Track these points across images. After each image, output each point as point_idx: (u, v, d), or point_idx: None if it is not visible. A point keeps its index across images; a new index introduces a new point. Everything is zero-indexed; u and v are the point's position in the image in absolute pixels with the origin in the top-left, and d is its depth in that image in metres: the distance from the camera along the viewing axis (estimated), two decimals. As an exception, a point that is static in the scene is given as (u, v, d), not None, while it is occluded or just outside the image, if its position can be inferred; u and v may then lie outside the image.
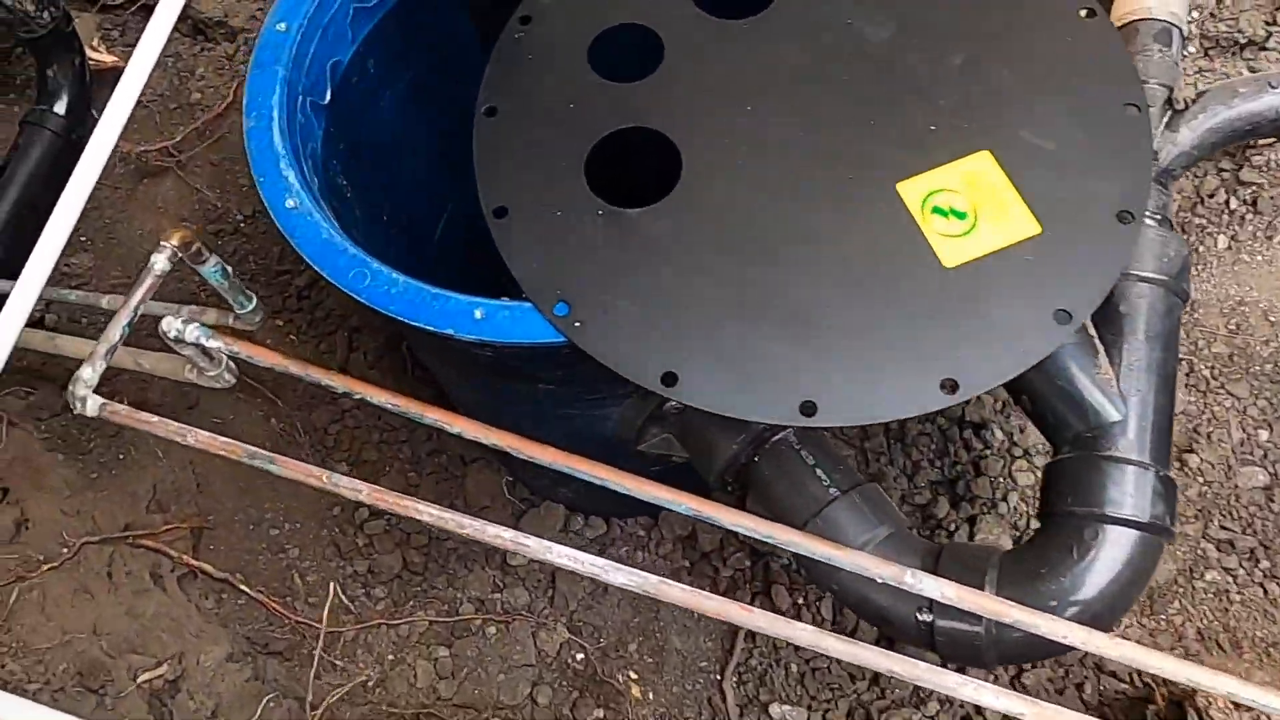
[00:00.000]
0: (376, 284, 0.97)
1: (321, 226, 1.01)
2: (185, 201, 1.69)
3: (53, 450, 1.44)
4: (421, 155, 1.49)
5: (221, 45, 1.76)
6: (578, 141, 1.01)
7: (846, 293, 0.91)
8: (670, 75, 1.04)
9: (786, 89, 1.02)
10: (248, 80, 1.10)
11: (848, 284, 0.91)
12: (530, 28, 1.09)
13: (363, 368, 1.62)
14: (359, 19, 1.24)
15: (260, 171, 1.04)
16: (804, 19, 1.05)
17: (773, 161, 0.98)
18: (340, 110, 1.23)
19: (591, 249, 0.95)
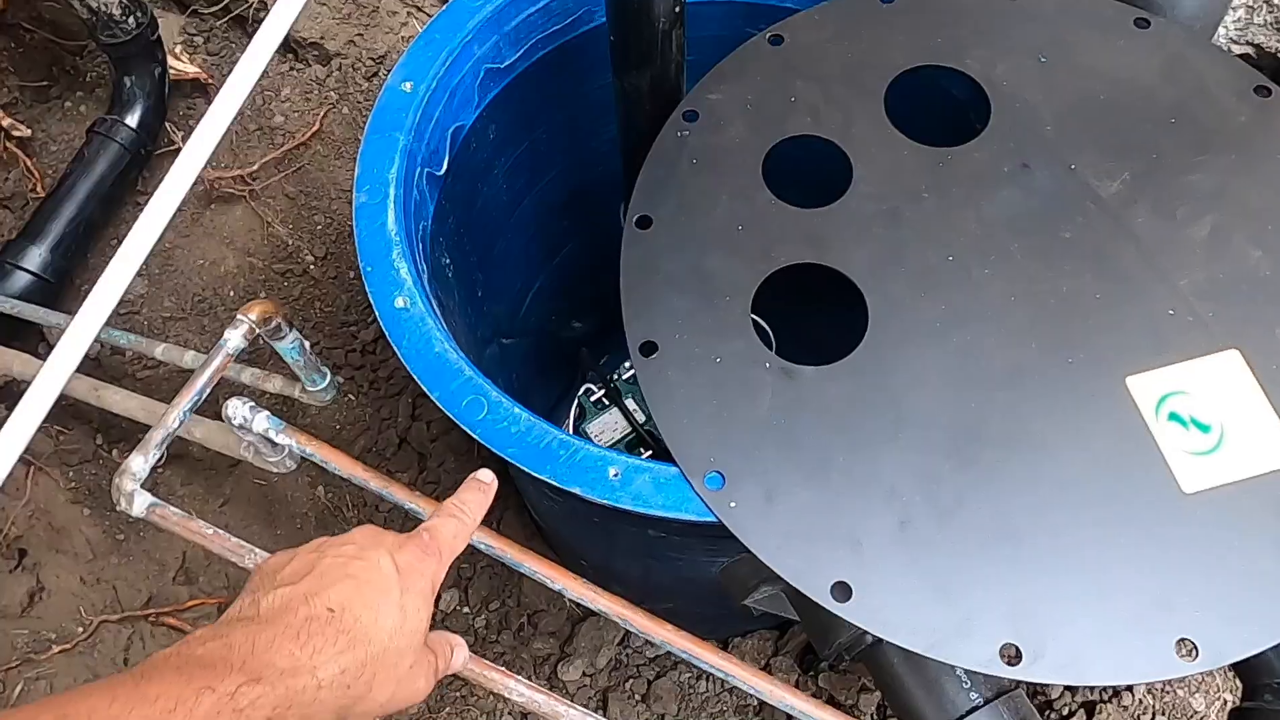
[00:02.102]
0: (495, 419, 0.82)
1: (435, 337, 0.86)
2: (254, 235, 1.55)
3: (78, 503, 1.29)
4: (521, 227, 1.35)
5: (313, 68, 1.62)
6: (745, 273, 0.86)
7: (1062, 512, 0.75)
8: (859, 204, 0.89)
9: (996, 239, 0.86)
10: (363, 147, 0.96)
11: (1063, 500, 0.75)
12: (695, 126, 0.94)
13: (424, 440, 1.47)
14: (488, 81, 1.10)
15: (369, 260, 0.90)
16: (1020, 156, 0.90)
17: (976, 328, 0.82)
18: (454, 182, 1.09)
19: (755, 411, 0.80)
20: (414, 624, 0.61)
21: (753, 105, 0.95)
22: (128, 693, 0.47)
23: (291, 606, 0.57)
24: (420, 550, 0.66)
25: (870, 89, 0.95)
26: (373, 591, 0.60)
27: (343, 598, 0.58)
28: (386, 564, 0.62)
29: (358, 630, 0.57)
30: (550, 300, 1.56)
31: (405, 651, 0.60)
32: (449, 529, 0.70)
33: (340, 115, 1.58)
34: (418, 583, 0.63)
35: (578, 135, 1.30)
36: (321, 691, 0.54)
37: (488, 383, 0.84)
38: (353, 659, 0.56)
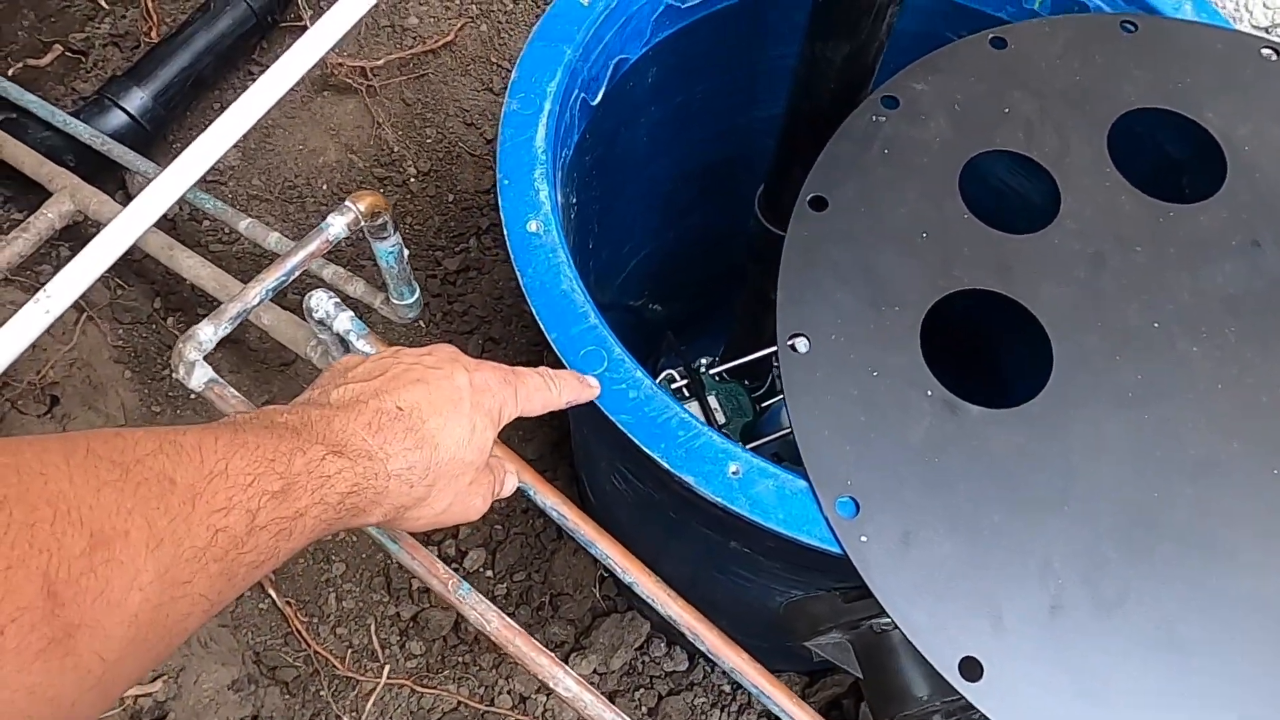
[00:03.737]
0: (613, 377, 0.72)
1: (564, 273, 0.77)
2: (361, 132, 1.47)
3: (121, 363, 1.22)
4: (648, 186, 1.26)
5: (459, -23, 1.54)
6: (921, 286, 0.76)
7: (1238, 634, 0.64)
8: (1062, 240, 0.78)
9: (1210, 315, 0.76)
10: (525, 52, 0.86)
11: (1243, 622, 0.65)
12: (894, 114, 0.84)
13: (485, 386, 1.38)
14: (665, 17, 1.00)
15: (509, 173, 0.81)
16: (1251, 231, 0.79)
17: (1173, 407, 0.72)
18: (603, 117, 0.99)
19: (907, 439, 0.70)
20: (479, 441, 0.60)
21: (961, 106, 0.85)
22: (228, 438, 0.46)
23: (362, 399, 0.56)
24: (498, 376, 0.64)
25: (1096, 119, 0.84)
26: (443, 400, 0.58)
27: (413, 399, 0.57)
28: (461, 378, 0.61)
29: (425, 432, 0.56)
30: (650, 274, 1.46)
31: (468, 466, 0.60)
32: (534, 381, 0.67)
33: (477, 31, 1.49)
34: (487, 402, 0.62)
35: (735, 104, 1.21)
36: (390, 481, 0.54)
37: (611, 335, 0.75)
38: (419, 458, 0.56)
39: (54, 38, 1.44)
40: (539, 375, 0.67)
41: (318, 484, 0.49)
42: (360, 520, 0.54)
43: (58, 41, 1.44)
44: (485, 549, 1.32)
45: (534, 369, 0.68)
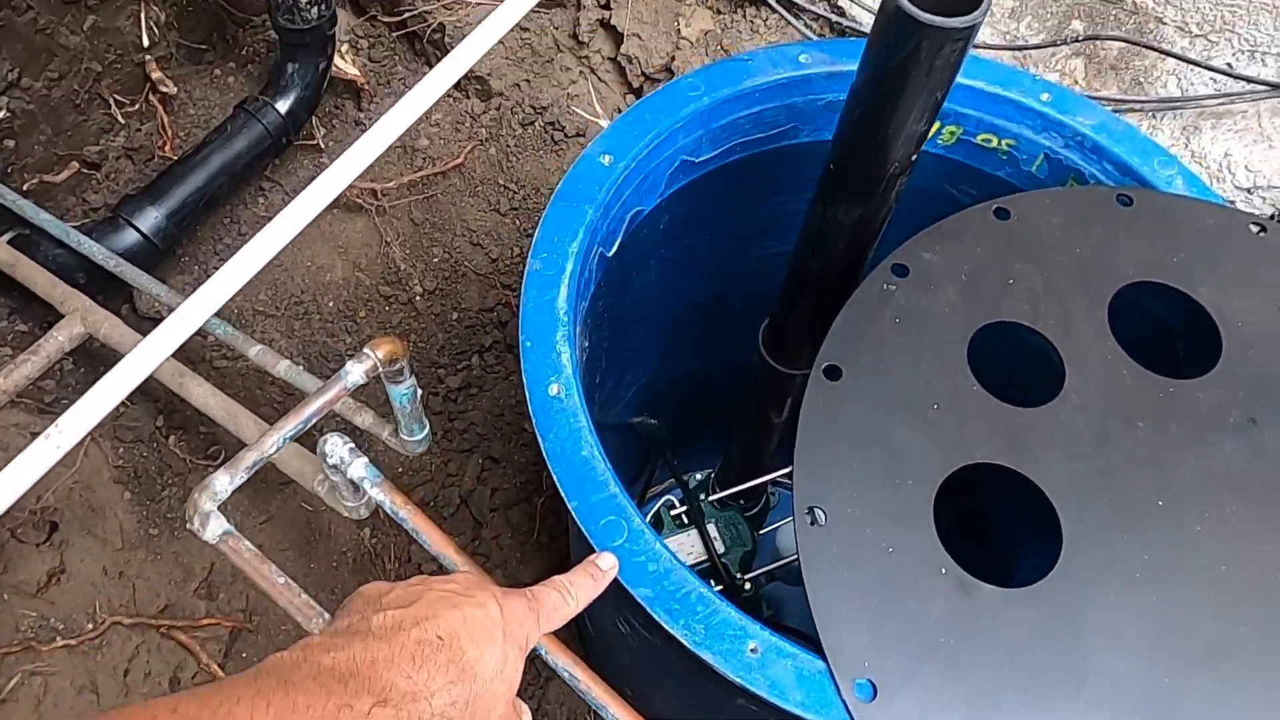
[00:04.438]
0: (632, 549, 0.73)
1: (585, 438, 0.78)
2: (369, 250, 1.49)
3: (121, 484, 1.21)
4: (656, 320, 1.28)
5: (471, 100, 1.58)
6: (934, 459, 0.77)
7: (1256, 832, 0.65)
8: (1068, 415, 0.81)
9: (1213, 493, 0.78)
10: (548, 212, 0.89)
11: (1259, 819, 0.65)
12: (904, 283, 0.87)
13: (484, 508, 1.38)
14: (680, 171, 1.04)
15: (532, 335, 0.82)
16: (1248, 408, 0.82)
17: (1182, 589, 0.73)
18: (617, 265, 1.02)
19: (924, 620, 0.71)
20: (511, 672, 0.61)
21: (968, 275, 0.88)
22: (280, 699, 0.48)
23: (404, 627, 0.57)
24: (524, 604, 0.65)
25: (1095, 292, 0.88)
26: (479, 629, 0.59)
27: (452, 628, 0.58)
28: (493, 606, 0.62)
29: (465, 663, 0.57)
30: (650, 394, 1.48)
31: (500, 698, 0.60)
32: (552, 600, 0.69)
33: (486, 154, 1.53)
34: (517, 632, 0.63)
35: (739, 244, 1.24)
36: None
37: (631, 505, 0.76)
38: (461, 692, 0.56)
39: (69, 151, 1.46)
40: (557, 592, 0.69)
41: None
42: None
43: (73, 156, 1.46)
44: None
45: (550, 584, 0.69)
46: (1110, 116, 1.02)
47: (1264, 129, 1.16)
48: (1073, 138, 1.02)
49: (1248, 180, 1.18)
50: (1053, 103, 1.02)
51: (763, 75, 1.02)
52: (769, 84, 1.03)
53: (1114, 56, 1.23)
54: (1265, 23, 1.14)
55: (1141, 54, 1.21)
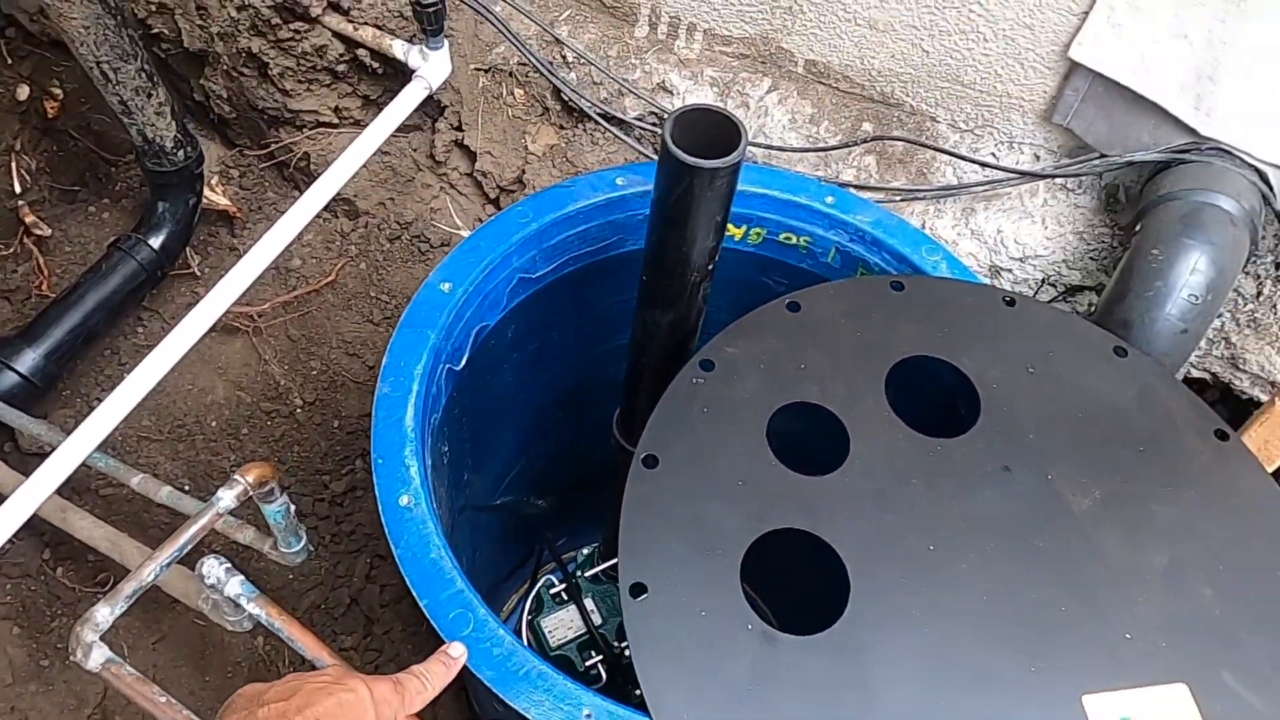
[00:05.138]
0: (479, 637, 0.83)
1: (433, 542, 0.88)
2: (248, 369, 1.57)
3: (8, 620, 1.25)
4: (518, 416, 1.39)
5: (339, 220, 1.69)
6: (740, 530, 0.89)
7: (1016, 824, 0.77)
8: (853, 480, 0.94)
9: (976, 537, 0.92)
10: (395, 339, 1.00)
11: (1019, 812, 0.78)
12: (710, 376, 1.00)
13: (375, 605, 1.45)
14: (518, 287, 1.16)
15: (382, 452, 0.92)
16: (1003, 459, 0.97)
17: (952, 624, 0.86)
18: (468, 376, 1.13)
19: (735, 674, 0.82)
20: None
21: (765, 365, 1.02)
22: None
23: (287, 716, 0.65)
24: (390, 687, 0.74)
25: (874, 370, 1.02)
26: (353, 711, 0.68)
27: (329, 712, 0.66)
28: (363, 690, 0.70)
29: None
30: (525, 481, 1.58)
31: None
32: (414, 685, 0.78)
33: (357, 269, 1.63)
34: (386, 711, 0.72)
35: (586, 339, 1.36)
36: None
37: (477, 598, 0.85)
38: None
39: (-56, 295, 1.51)
40: (416, 679, 0.78)
41: None
42: None
43: (-52, 301, 1.51)
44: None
45: (410, 671, 0.79)
46: (884, 213, 1.18)
47: (1026, 207, 1.35)
48: (856, 233, 1.18)
49: (1019, 252, 1.36)
50: (836, 204, 1.18)
51: (585, 199, 1.16)
52: (591, 206, 1.17)
53: (900, 152, 1.41)
54: (1016, 119, 1.33)
55: (922, 148, 1.40)
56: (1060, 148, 1.32)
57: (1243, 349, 1.27)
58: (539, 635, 1.45)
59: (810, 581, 1.00)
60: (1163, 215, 1.12)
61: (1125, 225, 1.29)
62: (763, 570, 1.01)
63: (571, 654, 1.42)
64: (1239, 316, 1.27)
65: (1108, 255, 1.33)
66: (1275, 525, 0.96)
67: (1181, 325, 1.07)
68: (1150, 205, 1.15)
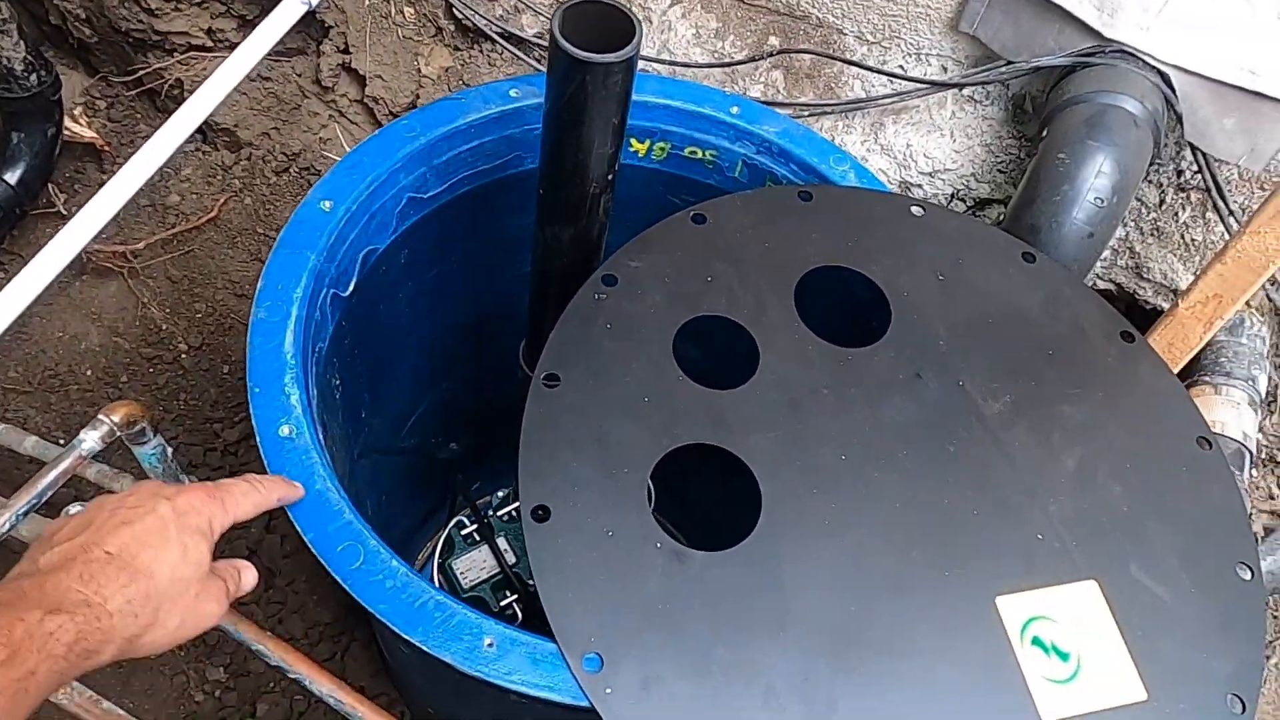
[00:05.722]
0: (369, 570, 0.78)
1: (318, 473, 0.82)
2: (125, 314, 1.46)
3: None
4: (417, 349, 1.32)
5: (220, 152, 1.57)
6: (646, 447, 0.85)
7: (933, 724, 0.76)
8: (763, 391, 0.91)
9: (888, 444, 0.90)
10: (270, 262, 0.92)
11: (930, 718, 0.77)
12: (613, 291, 0.96)
13: (276, 556, 1.38)
14: (409, 208, 1.09)
15: (259, 381, 0.85)
16: (914, 366, 0.95)
17: (865, 531, 0.84)
18: (358, 304, 1.06)
19: (642, 592, 0.78)
20: (194, 557, 0.67)
21: (671, 279, 0.97)
22: None
23: (70, 556, 0.62)
24: (202, 494, 0.71)
25: (783, 280, 0.99)
26: (149, 533, 0.65)
27: (120, 541, 0.63)
28: (163, 508, 0.67)
29: (138, 566, 0.63)
30: (433, 421, 1.52)
31: (189, 583, 0.66)
32: (240, 489, 0.74)
33: (241, 205, 1.53)
34: (194, 520, 0.69)
35: (487, 267, 1.30)
36: (114, 619, 0.60)
37: (367, 529, 0.80)
38: (137, 591, 0.62)
39: None
40: (245, 482, 0.75)
41: (41, 643, 0.56)
42: (97, 660, 0.60)
43: None
44: (288, 723, 1.30)
45: (241, 477, 0.75)
46: (791, 123, 1.14)
47: (935, 120, 1.32)
48: (762, 144, 1.14)
49: (928, 166, 1.34)
50: (741, 115, 1.14)
51: (476, 112, 1.09)
52: (484, 119, 1.10)
53: (808, 66, 1.37)
54: (924, 29, 1.30)
55: (830, 62, 1.36)
56: (968, 58, 1.30)
57: (1146, 257, 1.28)
58: (451, 577, 1.40)
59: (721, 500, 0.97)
60: (1068, 119, 1.11)
61: (1032, 135, 1.28)
62: (672, 490, 0.98)
63: (485, 594, 1.37)
64: (1142, 225, 1.28)
65: (1015, 168, 1.32)
66: (1179, 421, 0.96)
67: (1088, 229, 1.06)
68: (1056, 110, 1.13)
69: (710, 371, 0.93)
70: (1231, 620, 0.85)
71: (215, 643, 1.31)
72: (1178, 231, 1.25)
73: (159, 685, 1.25)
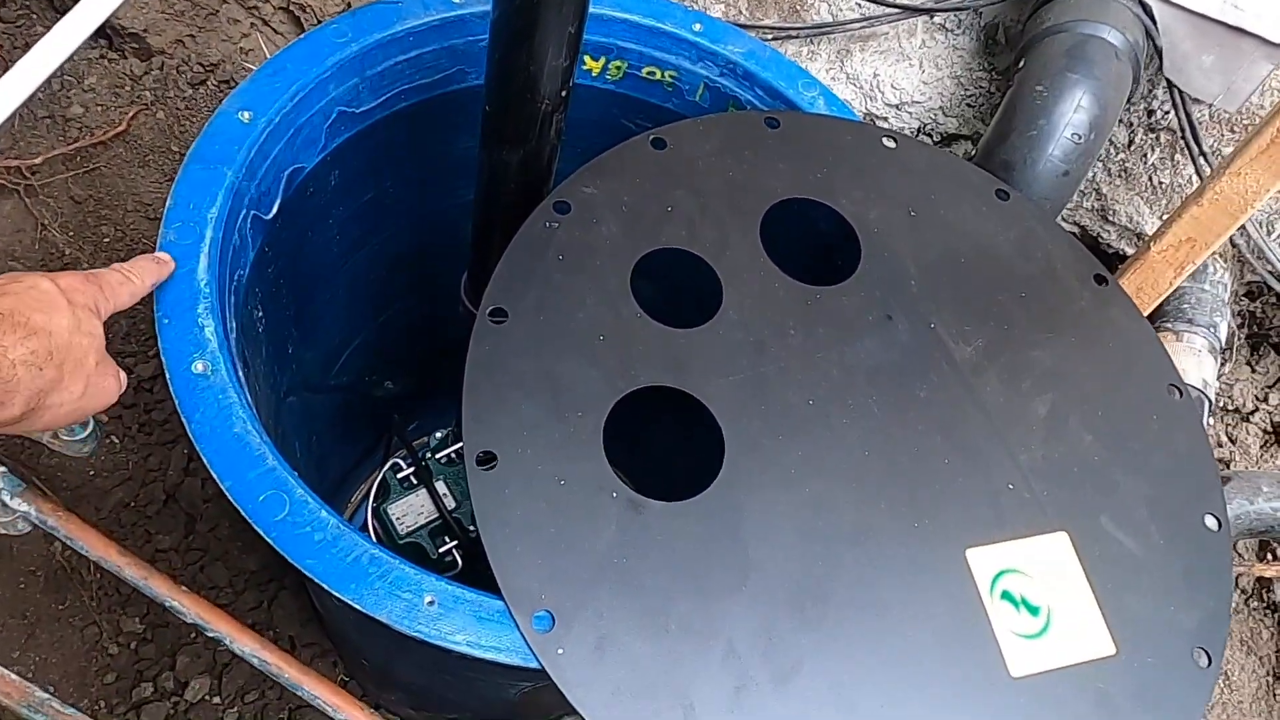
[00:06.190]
0: (295, 521, 0.70)
1: (236, 414, 0.74)
2: (22, 235, 1.33)
3: None
4: (350, 280, 1.23)
5: (129, 61, 1.43)
6: (602, 389, 0.79)
7: (898, 686, 0.72)
8: (726, 331, 0.85)
9: (856, 388, 0.85)
10: (180, 177, 0.82)
11: (900, 675, 0.73)
12: (566, 220, 0.88)
13: (196, 500, 1.29)
14: (340, 124, 0.99)
15: (168, 312, 0.76)
16: (885, 307, 0.90)
17: (830, 479, 0.80)
18: (283, 228, 0.97)
19: (596, 544, 0.73)
20: (89, 327, 0.66)
21: (628, 207, 0.90)
22: None
23: None
24: (80, 277, 0.68)
25: (748, 212, 0.92)
26: (38, 300, 0.63)
27: (9, 305, 0.61)
28: (45, 284, 0.64)
29: (34, 324, 0.61)
30: (368, 358, 1.43)
31: (89, 349, 0.65)
32: (114, 278, 0.72)
33: (153, 119, 1.39)
34: (81, 298, 0.66)
35: (428, 193, 1.21)
36: (17, 370, 0.59)
37: (293, 476, 0.72)
38: (38, 344, 0.61)
39: None
40: (117, 271, 0.72)
41: None
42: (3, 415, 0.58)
43: None
44: (209, 675, 1.23)
45: (112, 267, 0.73)
46: (757, 43, 1.07)
47: (904, 49, 1.26)
48: (726, 66, 1.06)
49: (895, 97, 1.28)
50: (704, 33, 1.06)
51: (415, 18, 0.99)
52: (423, 26, 1.00)
53: (772, -14, 1.29)
54: (895, -50, 1.22)
55: (795, -17, 1.28)
56: (939, -17, 1.23)
57: (1113, 200, 1.24)
58: (385, 523, 1.33)
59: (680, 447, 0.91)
60: (1047, 49, 1.05)
61: (1005, 68, 1.22)
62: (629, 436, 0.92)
63: (423, 541, 1.31)
64: (1110, 166, 1.24)
65: (985, 102, 1.26)
66: (1151, 368, 0.94)
67: (1064, 166, 1.01)
68: (1034, 40, 1.08)
69: (670, 309, 0.87)
70: (1198, 572, 0.83)
71: (130, 591, 1.22)
72: (1146, 173, 1.22)
73: (67, 638, 1.16)
